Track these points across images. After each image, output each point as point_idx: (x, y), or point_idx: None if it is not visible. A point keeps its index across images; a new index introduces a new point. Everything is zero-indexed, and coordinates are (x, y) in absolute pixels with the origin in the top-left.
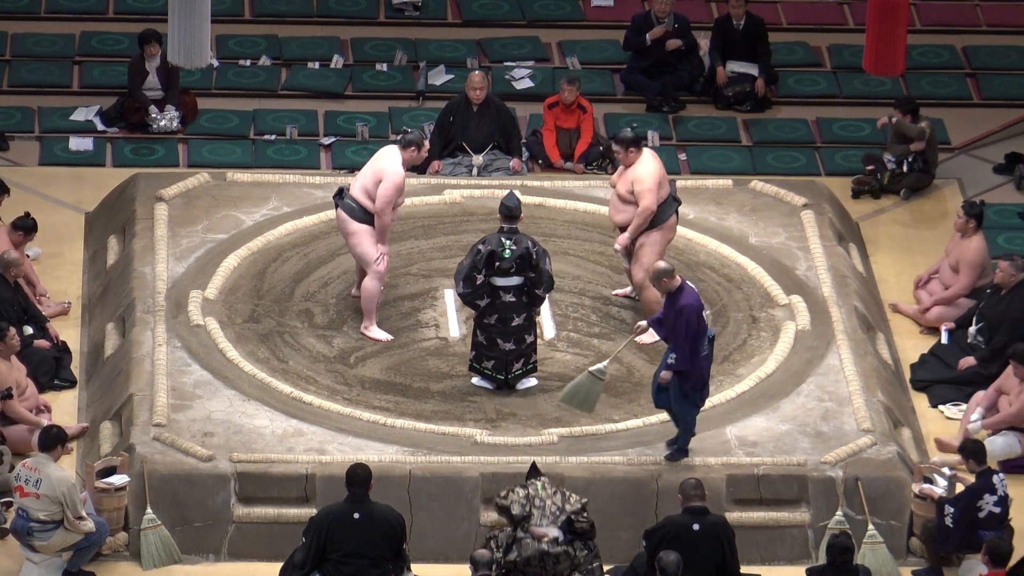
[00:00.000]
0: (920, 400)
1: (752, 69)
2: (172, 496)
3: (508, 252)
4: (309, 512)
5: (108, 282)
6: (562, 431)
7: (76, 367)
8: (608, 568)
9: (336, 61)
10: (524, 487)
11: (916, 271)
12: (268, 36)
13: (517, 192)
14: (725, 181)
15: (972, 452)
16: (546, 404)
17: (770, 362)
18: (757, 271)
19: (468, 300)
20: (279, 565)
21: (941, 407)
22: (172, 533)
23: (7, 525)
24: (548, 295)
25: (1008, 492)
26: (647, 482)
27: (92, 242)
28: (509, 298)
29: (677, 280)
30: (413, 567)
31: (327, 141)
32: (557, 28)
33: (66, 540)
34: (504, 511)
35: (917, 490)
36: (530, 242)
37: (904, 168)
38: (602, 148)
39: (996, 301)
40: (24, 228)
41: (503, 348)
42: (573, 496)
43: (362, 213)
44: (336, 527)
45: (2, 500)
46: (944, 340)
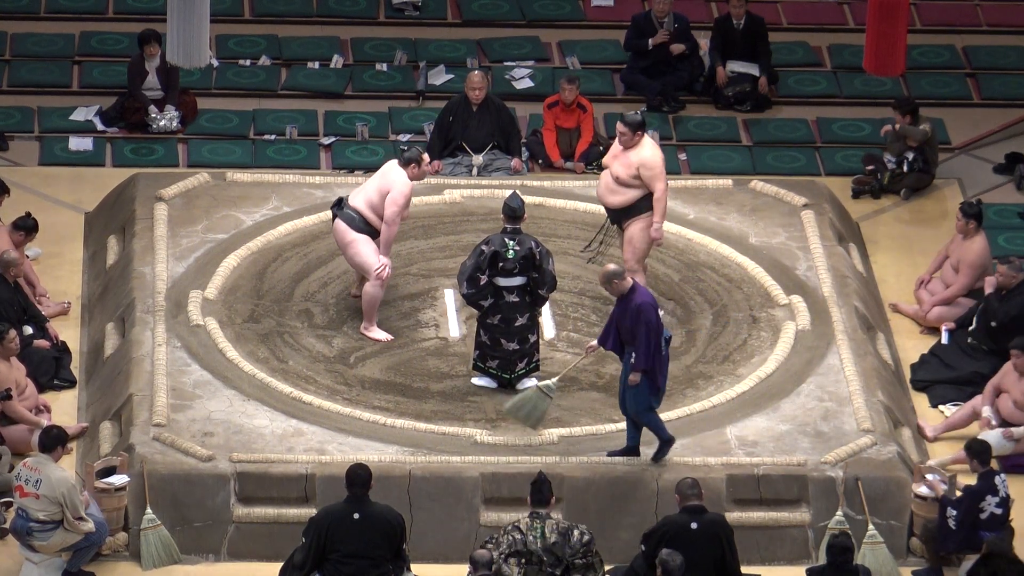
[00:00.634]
0: (920, 400)
1: (752, 69)
2: (172, 496)
3: (512, 253)
4: (309, 512)
5: (108, 282)
6: (562, 431)
7: (76, 367)
8: (608, 568)
9: (336, 61)
10: (519, 533)
11: (916, 271)
12: (268, 36)
13: (518, 192)
14: (725, 181)
15: (976, 452)
16: None
17: (770, 362)
18: (757, 271)
19: (471, 300)
20: (279, 565)
21: (941, 407)
22: (172, 533)
23: (7, 525)
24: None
25: (1009, 493)
26: (647, 482)
27: (92, 242)
28: (512, 298)
29: (629, 281)
30: (413, 567)
31: (327, 141)
32: (557, 28)
33: (66, 540)
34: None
35: (922, 488)
36: (533, 242)
37: (904, 168)
38: (602, 148)
39: (997, 302)
40: (25, 228)
41: (507, 348)
42: (577, 531)
43: (362, 223)
44: (336, 527)
45: (2, 500)
46: (944, 340)
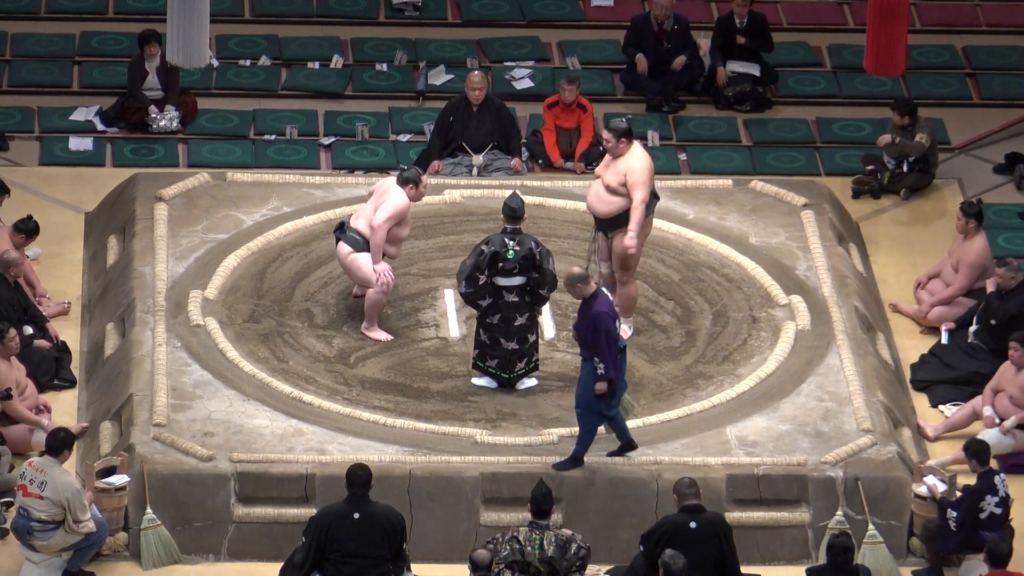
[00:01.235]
0: (920, 400)
1: (752, 69)
2: (172, 496)
3: (512, 253)
4: (309, 512)
5: (108, 282)
6: (562, 431)
7: (76, 367)
8: (608, 568)
9: (336, 61)
10: (516, 544)
11: (916, 271)
12: (268, 36)
13: (518, 192)
14: (725, 181)
15: (976, 452)
16: (546, 404)
17: (770, 362)
18: (757, 271)
19: (470, 300)
20: (279, 565)
21: (941, 407)
22: (172, 533)
23: (7, 525)
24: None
25: (1009, 493)
26: (647, 482)
27: (92, 242)
28: (512, 298)
29: (592, 286)
30: (413, 567)
31: (327, 141)
32: (557, 28)
33: (66, 540)
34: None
35: (922, 488)
36: (533, 243)
37: (904, 168)
38: (602, 148)
39: (998, 300)
40: (26, 231)
41: (506, 347)
42: (575, 544)
43: (365, 245)
44: (336, 527)
45: (2, 500)
46: (944, 340)
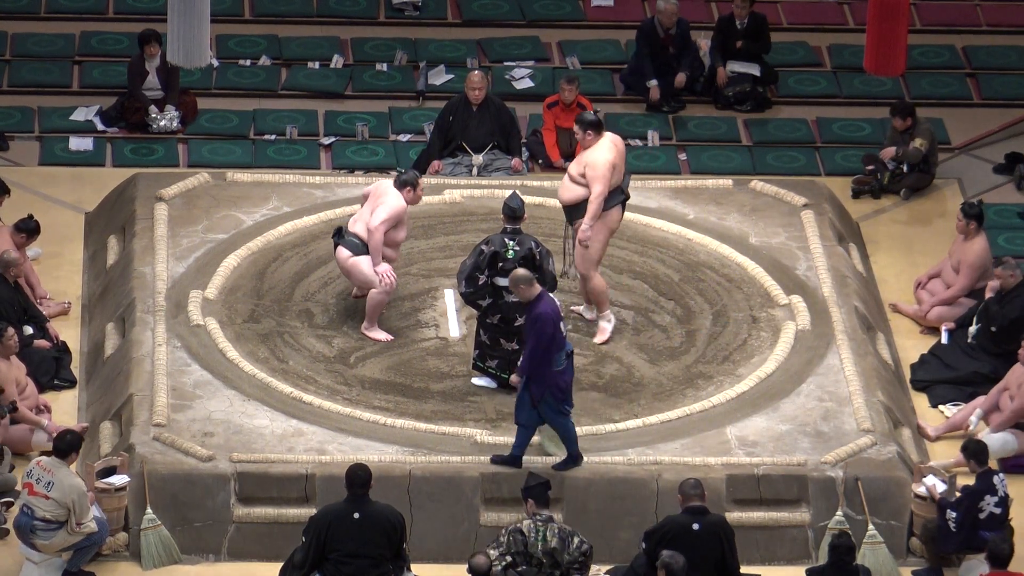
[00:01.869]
0: (920, 400)
1: (752, 69)
2: (172, 496)
3: (512, 253)
4: (309, 512)
5: (108, 282)
6: None
7: (76, 367)
8: (608, 568)
9: (336, 61)
10: (520, 535)
11: (916, 271)
12: (268, 36)
13: (518, 192)
14: (725, 181)
15: (974, 452)
16: None
17: (770, 362)
18: (757, 271)
19: (470, 300)
20: (279, 565)
21: (941, 407)
22: (172, 533)
23: (7, 525)
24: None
25: (1008, 492)
26: (647, 482)
27: (92, 242)
28: (512, 298)
29: (536, 288)
30: (413, 567)
31: (327, 141)
32: (557, 28)
33: (67, 540)
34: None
35: (921, 488)
36: (533, 243)
37: (904, 168)
38: None
39: (996, 305)
40: (27, 230)
41: (506, 348)
42: (576, 538)
43: (364, 248)
44: (336, 527)
45: (2, 500)
46: (944, 340)
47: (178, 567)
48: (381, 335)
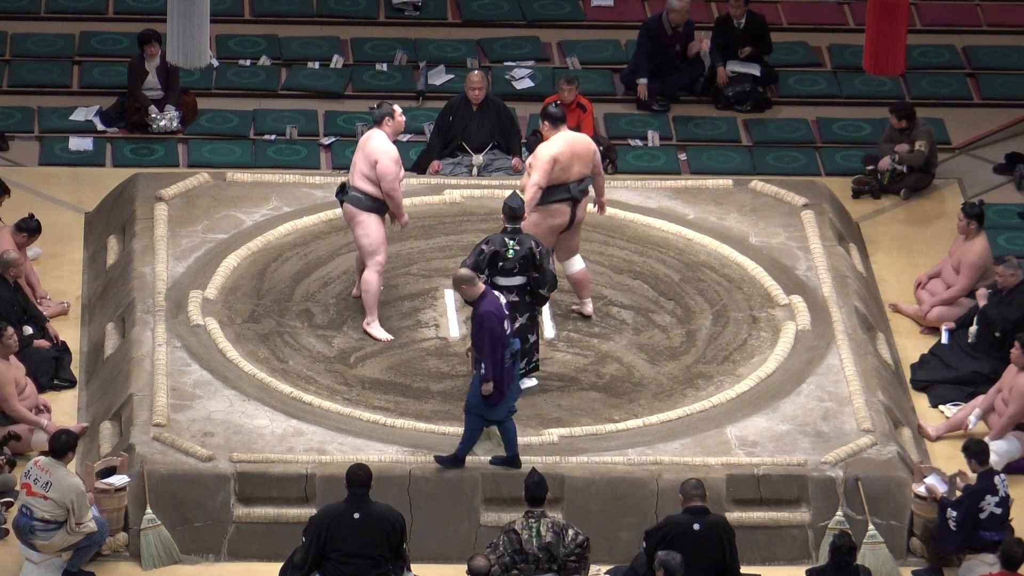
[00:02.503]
0: (920, 400)
1: (752, 69)
2: (172, 496)
3: (512, 252)
4: (309, 512)
5: (108, 282)
6: (562, 431)
7: (76, 367)
8: (608, 568)
9: (336, 61)
10: (514, 534)
11: (916, 271)
12: (268, 36)
13: (519, 192)
14: (725, 181)
15: (975, 453)
16: (546, 404)
17: (770, 362)
18: (757, 271)
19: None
20: (279, 565)
21: (941, 407)
22: (172, 533)
23: (7, 525)
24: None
25: (1009, 493)
26: (647, 482)
27: (92, 242)
28: (512, 298)
29: (479, 287)
30: (413, 567)
31: (327, 141)
32: (557, 28)
33: (66, 540)
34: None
35: (921, 488)
36: (533, 242)
37: (904, 168)
38: (602, 147)
39: (998, 302)
40: (28, 230)
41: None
42: (571, 531)
43: (369, 201)
44: (336, 527)
45: (2, 500)
46: (944, 340)
47: (178, 567)
48: (382, 334)
